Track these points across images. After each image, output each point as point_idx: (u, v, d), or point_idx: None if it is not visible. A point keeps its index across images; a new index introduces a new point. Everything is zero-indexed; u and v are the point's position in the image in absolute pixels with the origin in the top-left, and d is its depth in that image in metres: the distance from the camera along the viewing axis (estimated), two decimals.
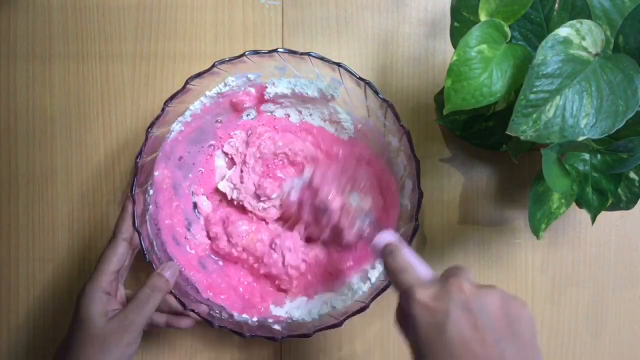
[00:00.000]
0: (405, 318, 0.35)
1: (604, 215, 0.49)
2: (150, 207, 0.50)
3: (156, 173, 0.50)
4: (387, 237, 0.42)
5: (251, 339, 0.52)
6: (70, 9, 0.56)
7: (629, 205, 0.47)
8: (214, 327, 0.47)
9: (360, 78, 0.47)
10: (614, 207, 0.47)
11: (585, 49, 0.38)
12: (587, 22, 0.37)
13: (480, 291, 0.33)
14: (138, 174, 0.47)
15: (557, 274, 0.57)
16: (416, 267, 0.38)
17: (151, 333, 0.55)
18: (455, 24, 0.45)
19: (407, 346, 0.36)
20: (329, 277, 0.53)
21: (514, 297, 0.34)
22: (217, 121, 0.53)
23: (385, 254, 0.40)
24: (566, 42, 0.37)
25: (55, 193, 0.56)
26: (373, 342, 0.56)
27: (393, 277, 0.38)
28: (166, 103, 0.47)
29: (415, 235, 0.47)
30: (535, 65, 0.36)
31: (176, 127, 0.50)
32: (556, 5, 0.41)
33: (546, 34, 0.40)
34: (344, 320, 0.47)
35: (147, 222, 0.49)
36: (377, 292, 0.47)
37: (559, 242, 0.57)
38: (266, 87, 0.52)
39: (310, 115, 0.55)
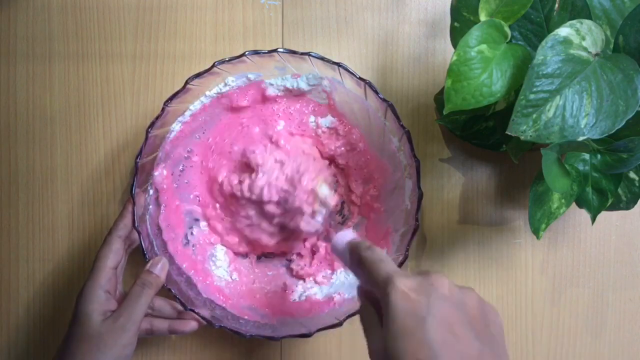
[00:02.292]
0: (376, 307, 0.35)
1: (604, 215, 0.49)
2: (150, 207, 0.50)
3: (156, 173, 0.50)
4: (349, 235, 0.42)
5: (251, 339, 0.52)
6: (70, 9, 0.56)
7: (629, 205, 0.47)
8: (215, 327, 0.47)
9: (360, 78, 0.47)
10: (614, 207, 0.47)
11: (585, 49, 0.38)
12: (587, 22, 0.38)
13: (460, 290, 0.34)
14: (138, 174, 0.47)
15: (557, 274, 0.57)
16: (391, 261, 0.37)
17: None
18: (455, 24, 0.45)
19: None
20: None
21: (488, 302, 0.34)
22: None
23: (360, 248, 0.38)
24: (566, 42, 0.37)
25: (55, 193, 0.56)
26: None
27: (369, 268, 0.36)
28: (166, 103, 0.47)
29: (415, 235, 0.47)
30: (535, 65, 0.36)
31: (176, 127, 0.50)
32: (556, 5, 0.41)
33: (546, 34, 0.40)
34: (344, 320, 0.47)
35: (147, 222, 0.49)
36: None
37: (559, 242, 0.57)
38: (266, 88, 0.52)
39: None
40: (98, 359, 0.43)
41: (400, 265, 0.47)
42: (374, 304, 0.36)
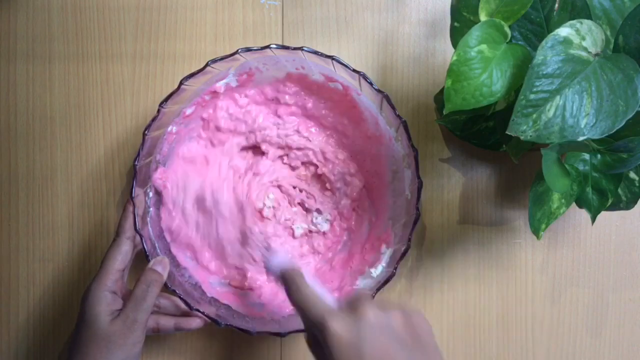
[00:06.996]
0: (319, 346, 0.38)
1: (604, 215, 0.49)
2: (151, 209, 0.50)
3: (155, 174, 0.50)
4: (281, 259, 0.43)
5: (251, 337, 0.52)
6: (70, 9, 0.56)
7: (629, 205, 0.47)
8: (220, 326, 0.47)
9: (354, 70, 0.47)
10: (614, 207, 0.47)
11: (585, 49, 0.38)
12: (587, 22, 0.38)
13: (385, 313, 0.38)
14: (137, 177, 0.47)
15: (557, 274, 0.57)
16: (321, 295, 0.39)
17: None
18: (455, 24, 0.45)
19: None
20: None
21: (411, 310, 0.39)
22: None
23: (288, 283, 0.41)
24: (566, 42, 0.37)
25: (55, 193, 0.56)
26: None
27: (299, 308, 0.39)
28: (161, 104, 0.47)
29: (417, 225, 0.47)
30: (535, 65, 0.36)
31: (173, 128, 0.50)
32: (556, 5, 0.41)
33: (546, 34, 0.40)
34: None
35: (149, 224, 0.49)
36: (382, 283, 0.47)
37: (559, 242, 0.57)
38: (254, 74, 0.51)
39: None
40: (109, 359, 0.43)
41: (403, 255, 0.47)
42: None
